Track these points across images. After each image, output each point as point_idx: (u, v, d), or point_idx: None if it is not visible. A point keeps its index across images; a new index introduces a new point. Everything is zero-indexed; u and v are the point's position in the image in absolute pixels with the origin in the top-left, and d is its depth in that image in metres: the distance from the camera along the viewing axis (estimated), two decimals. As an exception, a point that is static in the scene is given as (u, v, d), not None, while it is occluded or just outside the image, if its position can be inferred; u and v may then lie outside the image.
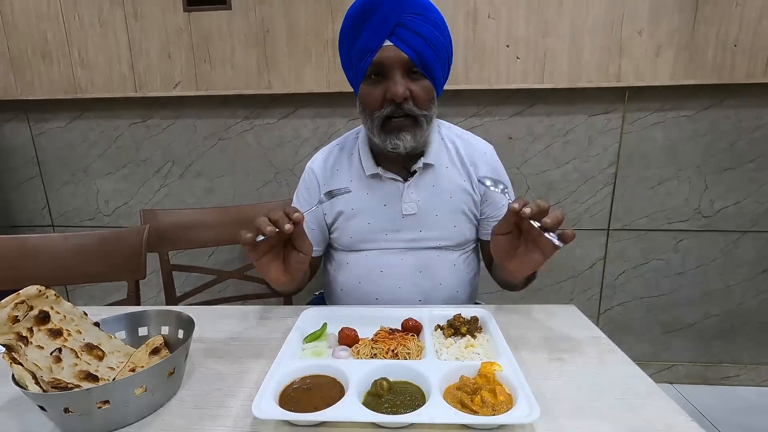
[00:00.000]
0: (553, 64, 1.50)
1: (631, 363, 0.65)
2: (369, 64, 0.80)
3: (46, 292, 0.60)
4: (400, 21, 0.78)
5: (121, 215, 1.82)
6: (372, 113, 0.83)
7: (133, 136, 1.73)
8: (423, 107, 0.83)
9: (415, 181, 0.91)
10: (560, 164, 1.63)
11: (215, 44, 1.57)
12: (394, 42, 0.78)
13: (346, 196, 0.88)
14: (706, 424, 1.54)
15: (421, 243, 0.92)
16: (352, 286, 0.95)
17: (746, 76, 1.45)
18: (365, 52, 0.80)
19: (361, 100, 0.86)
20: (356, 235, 0.93)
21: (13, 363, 0.51)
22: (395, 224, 0.92)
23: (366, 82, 0.84)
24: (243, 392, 0.59)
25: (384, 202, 0.91)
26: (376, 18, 0.78)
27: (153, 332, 0.68)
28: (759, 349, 1.74)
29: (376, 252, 0.93)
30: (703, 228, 1.65)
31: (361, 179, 0.93)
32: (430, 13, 0.81)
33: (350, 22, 0.82)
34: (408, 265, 0.92)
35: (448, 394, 0.55)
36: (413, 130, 0.83)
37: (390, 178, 0.91)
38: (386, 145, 0.84)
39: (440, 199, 0.91)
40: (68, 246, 1.10)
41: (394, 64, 0.79)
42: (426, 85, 0.82)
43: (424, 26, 0.79)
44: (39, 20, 1.59)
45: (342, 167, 0.95)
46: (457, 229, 0.93)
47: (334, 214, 0.94)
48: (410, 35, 0.78)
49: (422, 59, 0.79)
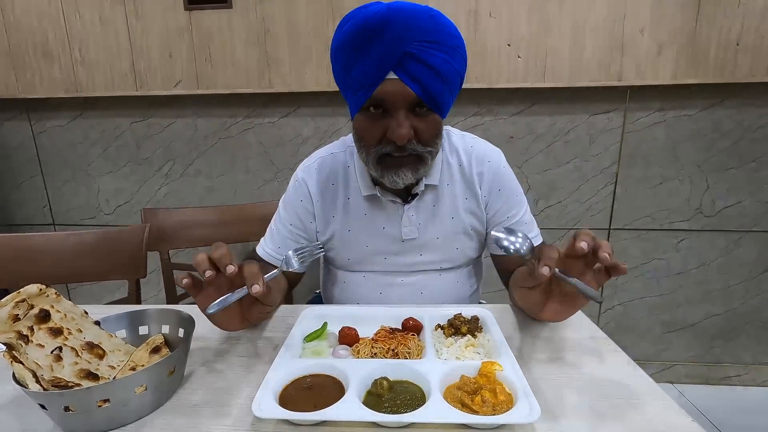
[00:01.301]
0: (555, 63, 1.49)
1: (631, 363, 0.64)
2: (367, 98, 0.69)
3: (46, 290, 0.60)
4: (408, 51, 0.65)
5: (122, 214, 1.82)
6: (368, 147, 0.73)
7: (134, 135, 1.73)
8: (428, 144, 0.73)
9: (416, 204, 0.84)
10: (561, 163, 1.63)
11: (216, 43, 1.57)
12: (399, 75, 0.66)
13: (339, 215, 0.85)
14: (707, 424, 1.53)
15: (421, 267, 0.88)
16: (350, 304, 0.91)
17: (748, 76, 1.45)
18: (364, 82, 0.68)
19: (357, 131, 0.75)
20: (354, 257, 0.88)
21: (14, 361, 0.51)
22: (394, 248, 0.86)
23: (364, 114, 0.72)
24: (243, 391, 0.59)
25: (383, 225, 0.85)
26: (381, 44, 0.65)
27: (153, 331, 0.68)
28: (760, 349, 1.74)
29: (374, 274, 0.89)
30: (704, 228, 1.64)
31: (359, 198, 0.85)
32: (445, 37, 0.68)
33: (348, 41, 0.68)
34: (408, 287, 0.88)
35: (449, 393, 0.55)
36: (415, 167, 0.74)
37: (389, 201, 0.84)
38: (383, 180, 0.76)
39: (442, 222, 0.85)
40: (69, 245, 1.10)
41: (398, 101, 0.68)
42: (433, 120, 0.72)
43: (437, 55, 0.66)
44: (40, 19, 1.59)
45: (337, 182, 0.87)
46: (459, 250, 0.88)
47: (329, 233, 0.87)
48: (419, 68, 0.66)
49: (431, 95, 0.68)
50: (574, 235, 0.57)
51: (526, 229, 0.88)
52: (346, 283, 0.92)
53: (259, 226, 1.37)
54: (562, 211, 1.67)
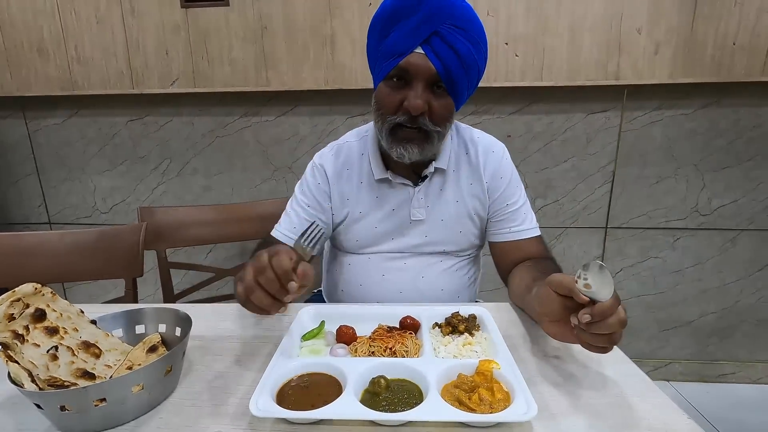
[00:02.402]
0: (552, 61, 1.49)
1: (628, 361, 0.65)
2: (393, 66, 0.75)
3: (42, 289, 0.60)
4: (438, 30, 0.72)
5: (119, 213, 1.82)
6: (384, 116, 0.79)
7: (131, 134, 1.72)
8: (438, 124, 0.78)
9: (425, 186, 0.89)
10: (558, 162, 1.63)
11: (213, 41, 1.56)
12: (425, 51, 0.73)
13: (353, 198, 0.88)
14: (703, 421, 1.54)
15: (425, 248, 0.91)
16: (353, 287, 0.94)
17: (745, 75, 1.45)
18: (393, 52, 0.75)
19: (377, 99, 0.81)
20: (363, 239, 0.92)
21: (9, 361, 0.51)
22: (402, 229, 0.90)
23: (386, 83, 0.78)
24: (240, 390, 0.59)
25: (393, 207, 0.90)
26: (414, 20, 0.72)
27: (150, 330, 0.68)
28: (755, 347, 1.75)
29: (378, 256, 0.92)
30: (700, 226, 1.65)
31: (371, 182, 0.90)
32: (473, 29, 0.74)
33: (386, 14, 0.75)
34: (410, 270, 0.91)
35: (446, 391, 0.55)
36: (422, 144, 0.79)
37: (400, 183, 0.89)
38: (391, 152, 0.81)
39: (447, 204, 0.90)
40: (65, 244, 1.09)
41: (420, 74, 0.74)
42: (447, 103, 0.78)
43: (463, 42, 0.73)
44: (35, 16, 1.58)
45: (352, 167, 0.92)
46: (462, 234, 0.92)
47: (343, 215, 0.92)
48: (444, 48, 0.72)
49: (450, 76, 0.74)
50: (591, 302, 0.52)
51: (525, 219, 0.91)
52: (351, 265, 0.94)
53: (256, 225, 1.38)
54: (559, 210, 1.68)
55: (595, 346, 0.55)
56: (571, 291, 0.54)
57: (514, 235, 0.90)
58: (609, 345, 0.54)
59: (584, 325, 0.52)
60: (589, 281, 0.51)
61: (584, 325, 0.52)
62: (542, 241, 0.91)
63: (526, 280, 0.78)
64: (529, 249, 0.89)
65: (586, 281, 0.52)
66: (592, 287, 0.51)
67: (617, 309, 0.52)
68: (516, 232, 0.90)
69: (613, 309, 0.51)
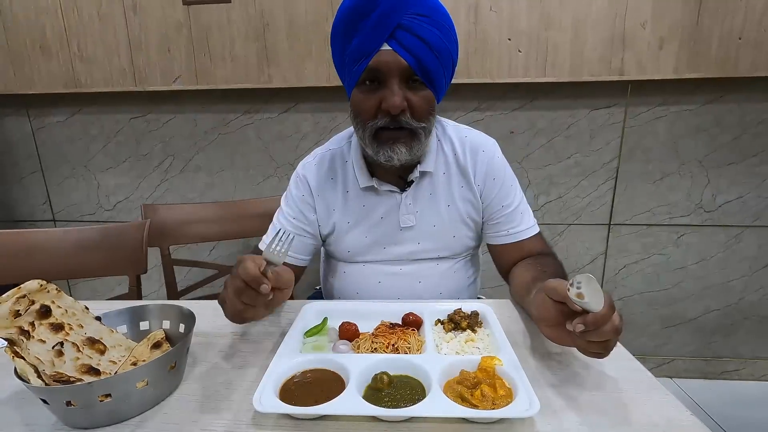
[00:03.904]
0: (555, 57, 1.48)
1: (631, 357, 0.65)
2: (363, 69, 0.72)
3: (47, 286, 0.60)
4: (401, 23, 0.69)
5: (122, 210, 1.82)
6: (365, 122, 0.76)
7: (134, 131, 1.73)
8: (421, 119, 0.75)
9: (412, 192, 0.86)
10: (562, 158, 1.63)
11: (215, 38, 1.56)
12: (392, 46, 0.70)
13: (339, 208, 0.87)
14: (706, 418, 1.54)
15: (419, 255, 0.89)
16: (350, 295, 0.93)
17: (750, 70, 1.44)
18: (360, 55, 0.72)
19: (354, 106, 0.78)
20: (353, 249, 0.90)
21: (16, 357, 0.52)
22: (393, 238, 0.88)
23: (360, 88, 0.75)
24: (244, 386, 0.60)
25: (381, 215, 0.87)
26: (374, 17, 0.69)
27: (154, 326, 0.68)
28: (759, 344, 1.74)
29: (373, 264, 0.90)
30: (704, 223, 1.64)
31: (357, 191, 0.87)
32: (437, 14, 0.72)
33: (345, 18, 0.73)
34: (406, 276, 0.90)
35: (448, 388, 0.55)
36: (409, 143, 0.76)
37: (387, 190, 0.86)
38: (379, 156, 0.77)
39: (438, 210, 0.87)
40: (69, 241, 1.10)
41: (392, 71, 0.71)
42: (426, 95, 0.75)
43: (429, 29, 0.70)
44: (38, 14, 1.58)
45: (336, 176, 0.89)
46: (456, 239, 0.89)
47: (330, 227, 0.90)
48: (412, 39, 0.69)
49: (423, 67, 0.71)
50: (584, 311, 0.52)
51: (522, 219, 0.88)
52: (347, 273, 0.93)
53: (259, 222, 1.38)
54: (563, 207, 1.67)
55: (590, 351, 0.55)
56: (564, 299, 0.54)
57: (512, 237, 0.88)
58: (605, 351, 0.55)
59: (578, 333, 0.52)
60: (582, 290, 0.52)
61: (578, 334, 0.53)
62: (542, 237, 0.90)
63: (525, 280, 0.78)
64: (529, 247, 0.88)
65: (579, 290, 0.52)
66: (584, 297, 0.52)
67: (611, 317, 0.52)
68: (514, 234, 0.87)
69: (606, 318, 0.51)
